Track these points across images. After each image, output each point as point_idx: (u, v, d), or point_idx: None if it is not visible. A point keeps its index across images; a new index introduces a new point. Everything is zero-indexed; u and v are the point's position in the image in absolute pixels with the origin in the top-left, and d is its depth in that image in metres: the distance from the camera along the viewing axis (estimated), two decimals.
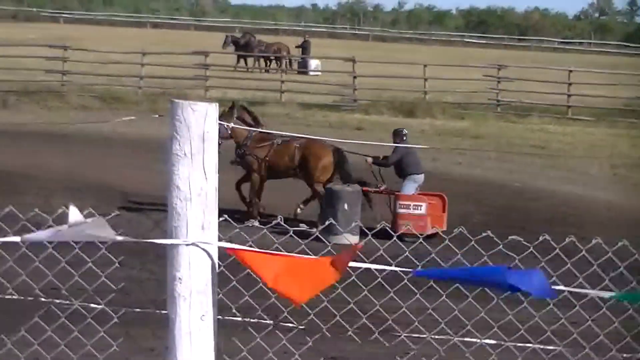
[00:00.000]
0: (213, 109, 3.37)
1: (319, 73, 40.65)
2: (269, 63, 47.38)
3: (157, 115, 16.25)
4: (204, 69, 36.04)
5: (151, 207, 15.73)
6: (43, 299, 8.29)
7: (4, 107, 30.52)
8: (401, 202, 15.44)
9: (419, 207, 15.40)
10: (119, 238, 3.35)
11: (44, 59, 34.34)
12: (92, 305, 5.84)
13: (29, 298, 8.84)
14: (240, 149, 16.37)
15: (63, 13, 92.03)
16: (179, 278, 3.32)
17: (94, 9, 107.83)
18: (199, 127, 3.34)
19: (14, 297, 8.72)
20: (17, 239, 3.33)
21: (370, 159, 16.16)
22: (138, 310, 8.96)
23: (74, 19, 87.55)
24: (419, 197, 15.63)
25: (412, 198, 15.56)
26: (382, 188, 15.98)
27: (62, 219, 3.22)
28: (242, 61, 45.42)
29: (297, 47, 48.61)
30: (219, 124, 7.15)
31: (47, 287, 6.21)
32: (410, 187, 15.84)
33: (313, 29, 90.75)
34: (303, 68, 43.21)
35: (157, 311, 8.55)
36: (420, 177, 16.02)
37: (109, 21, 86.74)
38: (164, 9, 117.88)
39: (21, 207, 5.22)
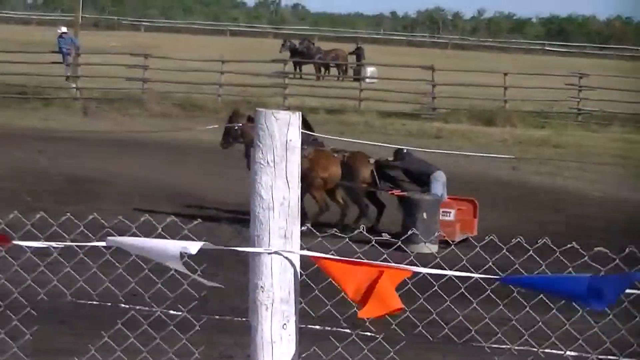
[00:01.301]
0: (296, 118, 3.38)
1: (375, 80, 40.21)
2: (328, 71, 47.22)
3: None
4: (282, 77, 36.19)
5: (232, 215, 15.81)
6: (125, 306, 8.36)
7: (85, 114, 30.98)
8: None
9: (448, 214, 15.13)
10: (202, 244, 3.36)
11: (125, 66, 34.77)
12: (173, 312, 5.87)
13: (108, 304, 8.94)
14: (249, 150, 16.10)
15: (143, 21, 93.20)
16: (261, 286, 3.33)
17: (174, 17, 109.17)
18: (282, 136, 3.34)
19: (94, 303, 8.83)
20: (102, 243, 3.36)
21: (373, 160, 15.93)
22: (219, 318, 8.99)
23: (154, 27, 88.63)
24: (448, 203, 15.31)
25: (441, 204, 15.20)
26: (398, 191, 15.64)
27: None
28: (297, 67, 45.44)
29: (350, 53, 48.26)
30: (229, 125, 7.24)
31: (129, 294, 6.27)
32: (437, 187, 15.41)
33: (392, 37, 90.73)
34: (358, 75, 42.90)
35: (238, 319, 8.61)
36: (440, 174, 15.56)
37: (189, 29, 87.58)
38: (244, 17, 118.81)
39: (101, 213, 5.28)
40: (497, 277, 3.40)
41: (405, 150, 16.25)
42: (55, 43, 36.07)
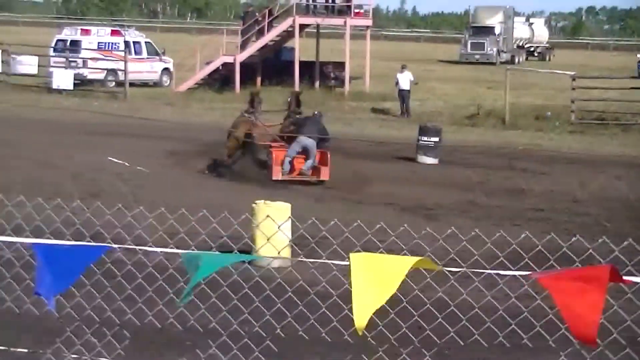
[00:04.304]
0: None
1: None
2: None
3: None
4: None
5: None
6: None
7: None
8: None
9: (272, 159, 21.00)
10: None
11: None
12: None
13: None
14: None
15: None
16: None
17: None
18: None
19: None
20: None
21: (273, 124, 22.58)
22: None
23: None
24: (274, 150, 21.08)
25: (272, 151, 21.08)
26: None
27: None
28: None
29: None
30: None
31: None
32: (294, 146, 20.87)
33: None
34: None
35: None
36: (304, 140, 20.79)
37: None
38: None
39: None
40: None
41: (315, 112, 22.25)
42: (634, 68, 35.73)
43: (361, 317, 4.20)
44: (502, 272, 5.10)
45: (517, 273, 4.80)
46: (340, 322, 6.65)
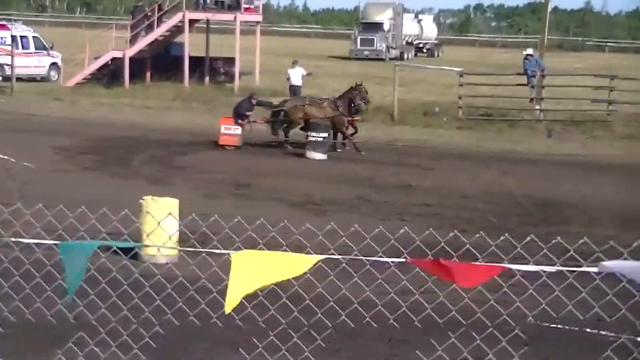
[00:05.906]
0: None
1: None
2: None
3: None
4: None
5: None
6: (590, 331, 8.15)
7: (549, 136, 30.86)
8: None
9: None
10: None
11: (590, 88, 34.22)
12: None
13: (574, 328, 8.76)
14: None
15: (608, 42, 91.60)
16: None
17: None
18: None
19: (559, 327, 8.69)
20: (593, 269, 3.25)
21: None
22: None
23: (619, 48, 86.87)
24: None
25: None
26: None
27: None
28: None
29: None
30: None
31: (593, 319, 6.07)
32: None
33: None
34: None
35: None
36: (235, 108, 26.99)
37: None
38: None
39: (566, 237, 5.16)
40: None
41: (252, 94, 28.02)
42: (521, 65, 36.34)
43: (232, 303, 4.52)
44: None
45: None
46: (221, 317, 6.62)
